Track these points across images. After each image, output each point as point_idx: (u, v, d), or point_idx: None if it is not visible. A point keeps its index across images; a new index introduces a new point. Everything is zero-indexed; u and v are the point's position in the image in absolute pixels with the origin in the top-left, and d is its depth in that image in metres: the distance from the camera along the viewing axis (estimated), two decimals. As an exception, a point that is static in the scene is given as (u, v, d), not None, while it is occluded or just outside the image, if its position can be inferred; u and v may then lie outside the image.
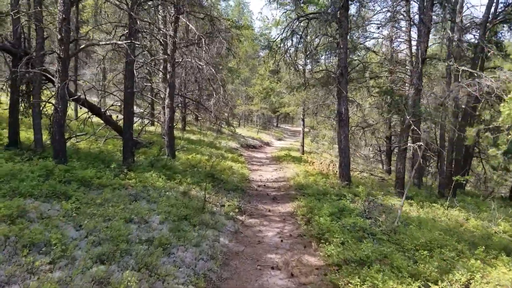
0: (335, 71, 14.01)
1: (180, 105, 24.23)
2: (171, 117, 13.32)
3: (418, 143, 11.59)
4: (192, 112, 26.39)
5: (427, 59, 13.93)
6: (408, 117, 12.00)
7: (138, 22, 9.52)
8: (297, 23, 13.68)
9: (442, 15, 13.06)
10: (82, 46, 9.01)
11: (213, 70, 16.50)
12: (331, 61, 21.80)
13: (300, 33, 13.77)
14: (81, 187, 8.01)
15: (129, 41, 8.66)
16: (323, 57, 23.00)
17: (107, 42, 9.52)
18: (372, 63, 18.58)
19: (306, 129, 26.97)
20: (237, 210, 9.46)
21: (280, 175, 16.06)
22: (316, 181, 13.61)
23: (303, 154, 24.64)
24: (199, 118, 33.42)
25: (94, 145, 13.06)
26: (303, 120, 25.31)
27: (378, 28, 19.71)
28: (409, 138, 14.99)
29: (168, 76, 13.19)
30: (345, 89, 13.21)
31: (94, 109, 12.32)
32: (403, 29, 19.29)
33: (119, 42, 8.73)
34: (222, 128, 31.57)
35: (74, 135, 11.51)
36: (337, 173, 16.07)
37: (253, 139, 32.68)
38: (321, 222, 8.41)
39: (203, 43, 15.66)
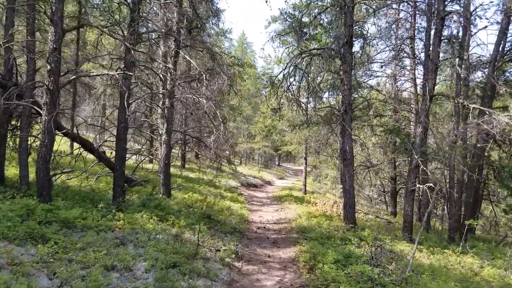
0: (339, 108, 13.54)
1: (180, 142, 23.78)
2: (167, 153, 12.75)
3: (427, 184, 10.93)
4: (192, 150, 25.87)
5: (435, 97, 13.44)
6: (416, 157, 11.39)
7: (133, 53, 9.11)
8: (300, 59, 13.32)
9: (450, 52, 12.69)
10: (72, 77, 8.59)
11: (213, 106, 16.10)
12: (335, 98, 21.47)
13: (303, 68, 13.37)
14: (63, 229, 7.33)
15: (121, 72, 8.24)
16: (325, 95, 22.75)
17: (98, 73, 9.08)
18: (376, 100, 18.19)
19: (308, 168, 26.32)
20: (233, 255, 8.67)
21: (281, 216, 15.30)
22: (319, 224, 12.85)
23: (305, 194, 23.89)
24: (199, 156, 32.95)
25: (85, 182, 12.45)
26: (305, 158, 24.73)
27: (382, 67, 19.48)
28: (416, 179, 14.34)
29: (165, 111, 12.72)
30: (350, 127, 12.69)
31: (87, 145, 11.78)
32: (408, 67, 19.05)
33: (111, 73, 8.28)
34: (223, 166, 31.00)
35: (60, 172, 10.87)
36: (341, 214, 15.31)
37: (254, 178, 32.02)
38: (325, 271, 7.65)
39: (204, 78, 15.35)
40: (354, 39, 13.35)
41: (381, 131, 16.84)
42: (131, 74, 8.32)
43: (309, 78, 13.65)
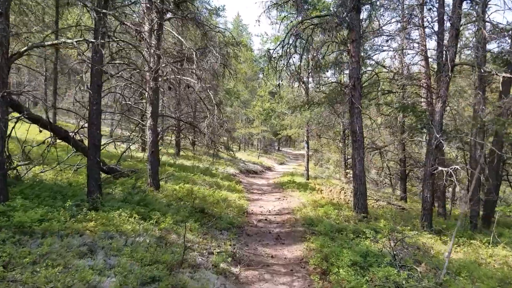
0: (346, 84, 12.03)
1: (172, 127, 22.39)
2: (153, 140, 11.26)
3: (453, 166, 9.49)
4: (185, 136, 24.38)
5: (457, 66, 11.90)
6: (438, 136, 9.92)
7: (95, 15, 7.48)
8: (301, 29, 11.68)
9: (475, 14, 11.09)
10: (24, 49, 7.04)
11: (206, 88, 14.67)
12: (336, 76, 19.96)
13: (305, 38, 11.68)
14: (16, 236, 5.87)
15: (81, 39, 6.69)
16: (328, 73, 21.22)
17: (54, 42, 7.49)
18: (386, 75, 16.63)
19: (309, 152, 24.78)
20: (230, 258, 7.23)
21: (284, 206, 13.88)
22: (327, 214, 11.45)
23: (308, 179, 22.46)
24: (195, 142, 31.51)
25: (61, 175, 10.98)
26: (307, 142, 23.23)
27: (387, 41, 17.88)
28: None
29: (150, 93, 11.19)
30: (359, 104, 11.21)
31: (60, 133, 10.28)
32: (417, 40, 17.47)
33: (68, 41, 6.75)
34: (220, 152, 29.56)
35: (15, 165, 9.34)
36: (349, 201, 13.94)
37: (254, 164, 30.63)
38: (342, 277, 6.25)
39: (194, 56, 13.88)
40: (361, 4, 11.76)
41: (392, 109, 15.25)
42: (93, 41, 6.73)
43: (312, 50, 11.98)
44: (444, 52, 10.60)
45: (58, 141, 13.12)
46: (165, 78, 16.28)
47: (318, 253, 7.69)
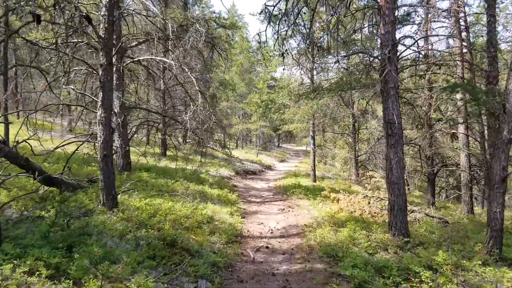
0: (372, 55, 8.72)
1: (153, 124, 19.26)
2: (105, 139, 7.90)
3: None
4: (166, 133, 21.04)
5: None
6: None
7: None
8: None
9: None
10: None
11: (186, 69, 11.52)
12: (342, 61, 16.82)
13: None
14: None
15: None
16: (333, 56, 18.01)
17: None
18: (406, 54, 13.35)
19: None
20: None
21: (290, 222, 10.58)
22: (352, 238, 8.16)
23: (315, 181, 19.16)
24: (187, 140, 28.39)
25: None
26: (313, 138, 19.90)
27: (408, 14, 14.61)
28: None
29: (100, 72, 7.86)
30: (397, 82, 7.92)
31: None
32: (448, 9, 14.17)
33: None
34: (215, 151, 26.27)
35: None
36: (377, 215, 10.71)
37: (252, 163, 27.40)
38: None
39: (170, 29, 10.80)
40: None
41: (442, 88, 11.79)
42: None
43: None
44: None
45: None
46: (136, 59, 13.07)
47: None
